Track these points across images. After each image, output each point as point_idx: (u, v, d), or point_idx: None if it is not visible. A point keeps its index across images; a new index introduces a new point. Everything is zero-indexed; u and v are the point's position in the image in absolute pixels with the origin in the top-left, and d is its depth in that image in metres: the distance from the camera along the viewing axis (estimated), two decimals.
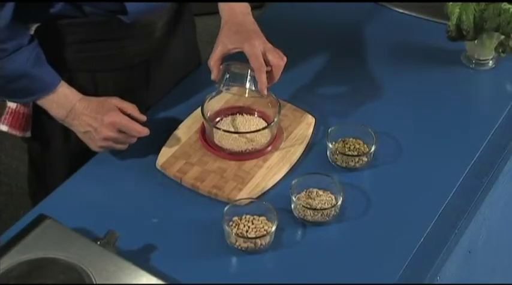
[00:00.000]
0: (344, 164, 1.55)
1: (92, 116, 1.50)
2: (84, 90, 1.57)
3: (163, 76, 1.73)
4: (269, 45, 1.53)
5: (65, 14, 1.53)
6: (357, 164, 1.54)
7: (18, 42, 1.47)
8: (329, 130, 1.57)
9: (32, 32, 1.54)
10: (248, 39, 1.53)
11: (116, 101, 1.53)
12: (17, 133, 1.64)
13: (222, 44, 1.55)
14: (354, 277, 1.36)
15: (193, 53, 1.85)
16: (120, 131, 1.51)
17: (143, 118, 1.54)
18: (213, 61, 1.56)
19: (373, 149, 1.55)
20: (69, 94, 1.52)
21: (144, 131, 1.52)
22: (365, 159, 1.55)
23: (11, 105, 1.62)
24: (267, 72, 1.53)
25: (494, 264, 1.96)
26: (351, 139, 1.59)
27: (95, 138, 1.51)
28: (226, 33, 1.56)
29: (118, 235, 1.34)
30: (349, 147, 1.58)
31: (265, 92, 1.52)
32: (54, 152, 1.68)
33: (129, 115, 1.52)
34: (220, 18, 1.62)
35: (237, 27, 1.57)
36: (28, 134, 1.65)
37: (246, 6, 1.61)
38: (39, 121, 1.64)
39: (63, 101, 1.52)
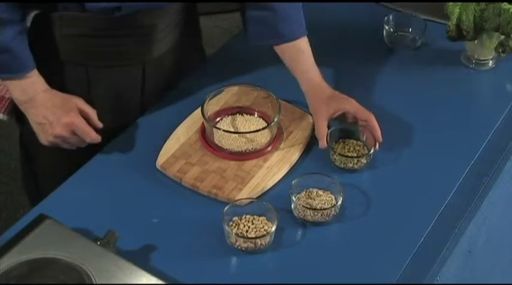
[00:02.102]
0: (342, 165, 1.55)
1: (51, 110, 1.51)
2: (75, 83, 1.58)
3: (161, 80, 1.72)
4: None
5: (66, 6, 1.53)
6: (356, 166, 1.54)
7: (12, 16, 1.47)
8: (329, 131, 1.57)
9: (30, 18, 1.54)
10: (343, 99, 1.60)
11: (78, 102, 1.54)
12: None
13: (323, 115, 1.58)
14: (354, 277, 1.36)
15: (196, 59, 1.84)
16: (73, 133, 1.52)
17: (100, 125, 1.55)
18: (323, 134, 1.57)
19: (372, 150, 1.55)
20: (37, 82, 1.52)
21: (98, 139, 1.54)
22: (364, 161, 1.55)
23: None
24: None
25: (494, 264, 1.96)
26: (352, 140, 1.59)
27: (47, 131, 1.52)
28: (321, 103, 1.60)
29: (118, 234, 1.34)
30: (349, 148, 1.58)
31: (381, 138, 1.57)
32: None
33: (87, 119, 1.54)
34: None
35: (326, 94, 1.61)
36: (1, 116, 1.64)
37: (318, 71, 1.65)
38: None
39: (29, 87, 1.52)
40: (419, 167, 1.57)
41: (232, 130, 1.60)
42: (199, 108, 1.59)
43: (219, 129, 1.57)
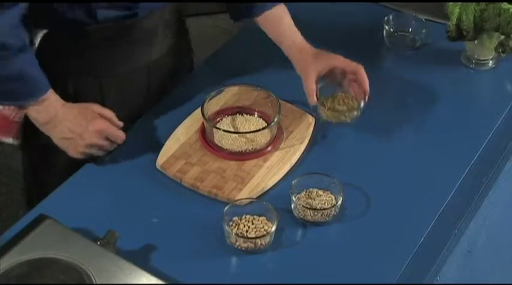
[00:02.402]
0: (335, 120, 1.58)
1: (75, 122, 1.50)
2: (89, 95, 1.57)
3: (163, 81, 1.72)
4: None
5: (78, 20, 1.52)
6: (348, 119, 1.57)
7: (22, 41, 1.45)
8: (319, 88, 1.59)
9: (38, 38, 1.53)
10: (329, 55, 1.62)
11: (95, 107, 1.54)
12: (1, 137, 1.62)
13: (311, 73, 1.60)
14: (354, 277, 1.36)
15: (188, 59, 1.85)
16: (105, 138, 1.52)
17: (121, 123, 1.55)
18: (312, 90, 1.59)
19: (362, 103, 1.58)
20: (55, 101, 1.51)
21: (124, 137, 1.54)
22: (355, 113, 1.57)
23: None
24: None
25: (494, 264, 1.96)
26: (340, 94, 1.62)
27: (78, 144, 1.51)
28: (307, 62, 1.62)
29: (118, 234, 1.34)
30: (339, 102, 1.60)
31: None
32: (51, 159, 1.67)
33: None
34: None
35: (311, 53, 1.63)
36: (11, 140, 1.63)
37: (300, 35, 1.67)
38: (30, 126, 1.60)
39: (49, 107, 1.50)
40: (419, 167, 1.57)
41: (232, 130, 1.60)
42: (199, 108, 1.59)
43: (219, 129, 1.57)
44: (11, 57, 1.42)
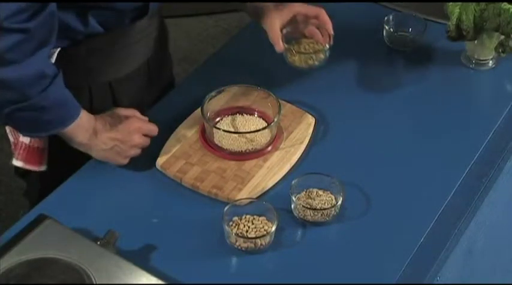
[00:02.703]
0: (303, 64, 1.63)
1: (113, 130, 1.49)
2: (103, 101, 1.58)
3: (163, 76, 1.74)
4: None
5: (92, 32, 1.52)
6: (316, 62, 1.62)
7: (53, 67, 1.42)
8: (283, 34, 1.62)
9: (55, 57, 1.50)
10: (289, 4, 1.65)
11: (121, 110, 1.53)
12: (32, 168, 1.59)
13: (274, 20, 1.63)
14: (354, 277, 1.36)
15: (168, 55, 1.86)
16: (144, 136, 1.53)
17: (146, 118, 1.56)
18: (277, 36, 1.61)
19: (327, 46, 1.62)
20: (88, 115, 1.49)
21: (157, 128, 1.55)
22: (322, 56, 1.62)
23: (24, 139, 1.56)
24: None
25: (494, 264, 1.96)
26: (304, 39, 1.66)
27: (122, 149, 1.50)
28: (269, 11, 1.64)
29: (118, 234, 1.35)
30: (305, 47, 1.64)
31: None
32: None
33: None
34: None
35: (271, 5, 1.66)
36: (43, 167, 1.59)
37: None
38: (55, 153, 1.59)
39: (86, 123, 1.48)
40: (419, 167, 1.57)
41: (232, 130, 1.60)
42: (199, 108, 1.59)
43: (219, 129, 1.57)
44: (50, 85, 1.39)
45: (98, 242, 1.32)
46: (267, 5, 1.66)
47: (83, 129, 1.47)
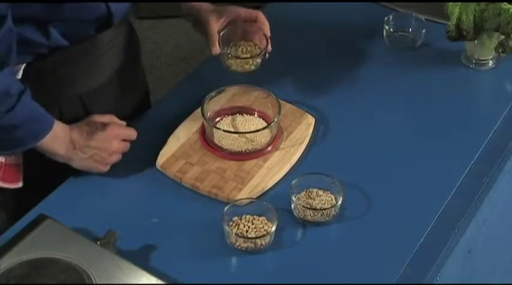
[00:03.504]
0: (239, 69, 1.62)
1: (90, 139, 1.48)
2: (74, 114, 1.54)
3: (136, 85, 1.72)
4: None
5: (56, 45, 1.48)
6: (252, 66, 1.61)
7: (19, 84, 1.40)
8: (220, 35, 1.62)
9: (21, 73, 1.47)
10: (228, 6, 1.65)
11: (96, 117, 1.52)
12: (9, 186, 1.53)
13: (212, 22, 1.62)
14: (354, 277, 1.36)
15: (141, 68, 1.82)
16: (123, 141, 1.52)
17: (123, 122, 1.54)
18: (214, 39, 1.61)
19: (264, 50, 1.60)
20: (63, 126, 1.47)
21: (135, 133, 1.54)
22: (259, 60, 1.60)
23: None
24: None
25: (494, 264, 1.96)
26: (242, 42, 1.65)
27: (102, 157, 1.49)
28: (208, 12, 1.64)
29: (118, 234, 1.35)
30: (242, 50, 1.64)
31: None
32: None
33: None
34: None
35: (211, 7, 1.65)
36: (20, 184, 1.54)
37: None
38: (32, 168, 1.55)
39: (62, 134, 1.46)
40: (419, 167, 1.57)
41: (232, 130, 1.60)
42: (199, 108, 1.59)
43: (219, 129, 1.57)
44: (17, 103, 1.37)
45: (98, 242, 1.32)
46: (204, 7, 1.65)
47: (59, 140, 1.46)
